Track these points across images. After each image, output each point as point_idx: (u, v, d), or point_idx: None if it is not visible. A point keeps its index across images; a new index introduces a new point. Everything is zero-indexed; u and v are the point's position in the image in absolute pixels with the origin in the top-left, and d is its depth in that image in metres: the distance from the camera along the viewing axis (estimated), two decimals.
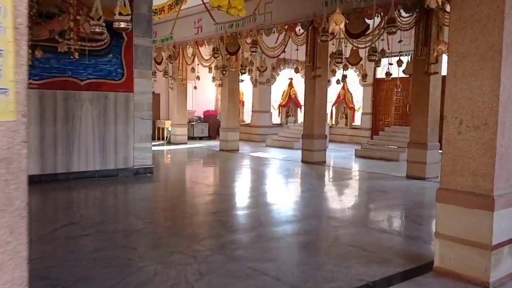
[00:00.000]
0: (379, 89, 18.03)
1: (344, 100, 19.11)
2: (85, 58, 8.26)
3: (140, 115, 9.05)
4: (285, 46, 12.40)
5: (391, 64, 12.02)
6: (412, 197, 7.88)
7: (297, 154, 12.64)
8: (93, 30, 5.42)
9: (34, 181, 7.81)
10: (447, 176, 4.16)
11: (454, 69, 4.14)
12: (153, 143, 17.04)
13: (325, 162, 12.01)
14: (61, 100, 8.16)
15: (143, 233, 5.10)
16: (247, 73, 14.49)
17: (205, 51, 15.04)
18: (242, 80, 14.26)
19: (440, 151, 10.74)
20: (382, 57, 10.67)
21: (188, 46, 15.37)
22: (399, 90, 14.05)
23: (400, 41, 10.48)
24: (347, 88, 19.10)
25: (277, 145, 16.42)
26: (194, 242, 4.79)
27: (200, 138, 18.65)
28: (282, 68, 19.02)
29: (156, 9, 13.05)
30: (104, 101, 8.63)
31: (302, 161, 12.03)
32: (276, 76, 19.02)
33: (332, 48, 12.57)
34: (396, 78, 14.69)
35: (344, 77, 13.00)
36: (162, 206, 6.66)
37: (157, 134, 17.92)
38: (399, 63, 11.53)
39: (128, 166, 8.96)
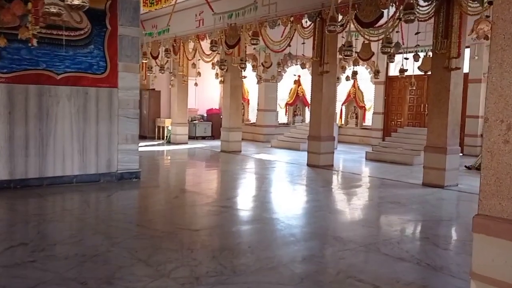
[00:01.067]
0: (391, 87, 16.89)
1: (355, 98, 17.99)
2: (62, 48, 7.30)
3: (126, 113, 8.07)
4: (291, 40, 11.34)
5: (406, 58, 10.85)
6: (432, 210, 6.79)
7: (303, 156, 11.59)
8: (47, 10, 4.42)
9: (1, 187, 6.87)
10: (488, 199, 3.08)
11: (501, 56, 3.05)
12: (152, 143, 16.56)
13: (332, 165, 10.94)
14: (34, 96, 7.19)
15: (101, 260, 4.10)
16: (251, 69, 13.48)
17: (207, 45, 14.01)
18: (245, 77, 13.23)
19: (461, 154, 9.67)
20: (397, 52, 9.58)
21: (189, 41, 14.39)
22: (414, 88, 12.91)
23: (417, 33, 9.35)
24: (358, 86, 17.99)
25: (282, 146, 15.37)
26: (161, 273, 3.79)
27: (203, 138, 17.67)
28: (289, 64, 17.96)
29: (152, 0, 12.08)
30: (84, 97, 7.65)
31: (308, 165, 10.98)
32: (283, 73, 17.96)
33: (341, 42, 11.50)
34: (411, 75, 13.57)
35: (355, 73, 11.90)
36: (139, 221, 5.67)
37: (157, 133, 16.98)
38: (416, 57, 10.38)
39: (111, 170, 7.98)
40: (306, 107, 18.99)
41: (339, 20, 10.11)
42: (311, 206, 6.78)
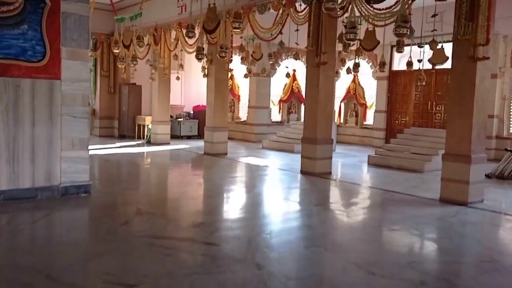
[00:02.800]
0: (395, 83, 15.18)
1: (355, 95, 16.27)
2: None
3: (71, 112, 6.34)
4: (283, 26, 9.62)
5: (421, 46, 9.04)
6: (463, 244, 5.10)
7: (298, 160, 9.89)
8: None
9: None
10: None
11: None
12: (130, 143, 14.61)
13: (330, 173, 9.24)
14: None
15: None
16: (240, 61, 11.73)
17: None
18: (231, 70, 11.51)
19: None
20: (410, 37, 7.85)
21: (170, 29, 12.65)
22: (423, 83, 11.21)
23: (434, 15, 7.63)
24: (358, 82, 16.27)
25: (275, 147, 13.66)
26: None
27: (188, 137, 15.94)
28: (283, 57, 16.23)
29: None
30: (14, 92, 5.93)
31: (302, 172, 9.29)
32: (276, 66, 16.22)
33: (341, 29, 9.79)
34: (420, 69, 11.89)
35: (356, 65, 10.16)
36: (49, 267, 3.97)
37: (137, 133, 15.24)
38: (433, 45, 8.58)
39: (53, 183, 6.27)
40: (302, 104, 17.25)
41: (339, 1, 8.41)
42: (302, 238, 5.08)
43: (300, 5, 9.23)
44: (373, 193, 7.83)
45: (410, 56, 10.81)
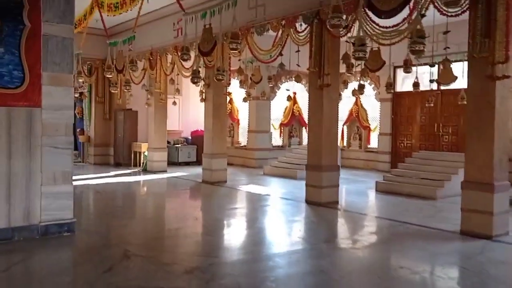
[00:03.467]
0: (399, 104, 14.61)
1: (357, 118, 15.68)
2: None
3: (53, 143, 5.72)
4: (283, 47, 9.09)
5: (433, 66, 8.42)
6: None
7: (301, 188, 9.25)
8: None
9: None
10: None
11: None
12: (125, 172, 13.61)
13: (337, 202, 8.57)
14: None
15: None
16: (238, 85, 11.20)
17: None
18: (229, 93, 10.96)
19: None
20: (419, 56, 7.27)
21: (166, 53, 12.15)
22: (431, 105, 10.61)
23: (446, 32, 7.08)
24: (361, 104, 15.70)
25: (277, 173, 13.00)
26: None
27: (187, 164, 15.29)
28: (283, 80, 15.72)
29: (117, 3, 9.86)
30: None
31: (307, 202, 8.61)
32: (276, 89, 15.69)
33: (345, 49, 9.27)
34: (427, 90, 11.39)
35: (361, 87, 9.56)
36: None
37: (133, 160, 14.60)
38: (446, 64, 7.97)
39: (32, 222, 5.60)
40: (304, 128, 16.69)
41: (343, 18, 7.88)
42: (314, 286, 4.38)
43: (301, 25, 8.73)
44: (387, 225, 7.13)
45: (417, 77, 10.27)
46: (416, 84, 10.20)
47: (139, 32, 13.76)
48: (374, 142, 15.53)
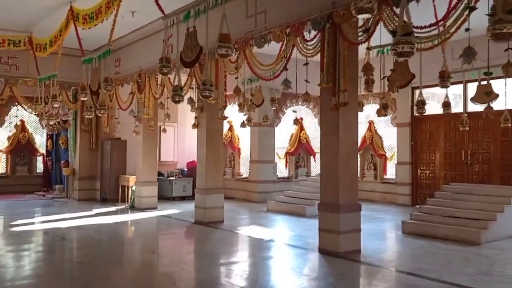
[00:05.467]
0: (419, 130, 12.78)
1: (372, 145, 13.84)
2: None
3: None
4: (287, 60, 7.38)
5: (488, 74, 6.51)
6: None
7: (312, 229, 7.43)
8: None
9: None
10: None
11: None
12: (108, 209, 11.19)
13: (359, 252, 6.66)
14: None
15: None
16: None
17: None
18: (225, 117, 9.17)
19: None
20: (470, 61, 5.54)
21: (156, 75, 10.49)
22: (466, 128, 8.77)
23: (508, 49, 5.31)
24: (375, 130, 13.90)
25: (282, 210, 11.10)
26: None
27: (182, 199, 13.42)
28: (288, 104, 14.00)
29: (92, 13, 8.24)
30: None
31: (321, 251, 6.71)
32: (280, 114, 13.95)
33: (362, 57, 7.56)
34: (458, 113, 9.62)
35: (385, 107, 7.68)
36: None
37: (120, 195, 12.76)
38: (508, 69, 6.09)
39: None
40: (312, 157, 14.86)
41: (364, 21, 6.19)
42: None
43: (309, 32, 7.03)
44: None
45: (447, 95, 8.47)
46: (446, 104, 8.38)
47: (126, 53, 12.25)
48: (391, 172, 13.64)
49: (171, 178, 13.59)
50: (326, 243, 6.73)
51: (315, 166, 14.76)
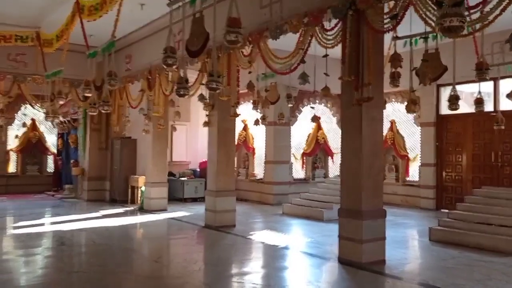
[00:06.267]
0: (445, 129, 11.99)
1: (393, 145, 13.08)
2: None
3: None
4: (305, 52, 6.75)
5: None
6: None
7: (330, 234, 6.83)
8: None
9: None
10: None
11: None
12: (116, 211, 10.68)
13: (384, 262, 5.98)
14: None
15: None
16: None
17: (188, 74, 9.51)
18: (237, 115, 8.55)
19: None
20: None
21: (166, 71, 9.94)
22: (502, 127, 8.02)
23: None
24: (397, 130, 13.15)
25: (298, 213, 10.45)
26: None
27: (194, 200, 12.86)
28: (305, 103, 13.34)
29: (97, 4, 7.73)
30: None
31: (341, 261, 6.05)
32: (297, 113, 13.31)
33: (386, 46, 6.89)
34: (491, 112, 8.85)
35: (414, 102, 6.94)
36: None
37: (130, 196, 12.27)
38: None
39: None
40: (330, 158, 14.17)
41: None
42: None
43: (330, 19, 6.38)
44: None
45: (480, 92, 7.73)
46: (479, 101, 7.63)
47: (137, 49, 11.75)
48: (414, 174, 12.87)
49: (182, 178, 13.04)
50: (347, 252, 6.07)
51: (333, 167, 14.09)
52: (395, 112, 13.41)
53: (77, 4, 8.57)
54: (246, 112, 12.78)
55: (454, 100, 6.07)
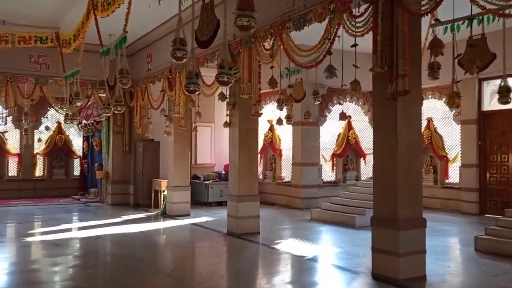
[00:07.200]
0: (489, 127, 10.98)
1: (431, 145, 12.13)
2: None
3: None
4: (332, 42, 6.05)
5: None
6: None
7: (363, 243, 6.14)
8: None
9: None
10: None
11: None
12: (138, 216, 10.28)
13: (425, 278, 5.22)
14: None
15: None
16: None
17: (208, 72, 9.00)
18: (259, 114, 7.91)
19: None
20: None
21: (186, 69, 9.42)
22: None
23: None
24: (434, 128, 12.20)
25: (328, 219, 9.71)
26: None
27: (219, 204, 12.30)
28: (335, 101, 12.57)
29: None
30: None
31: (375, 276, 5.33)
32: (326, 112, 12.56)
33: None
34: None
35: (458, 95, 6.09)
36: None
37: (153, 200, 11.84)
38: None
39: None
40: (361, 159, 13.36)
41: None
42: None
43: (359, 6, 5.67)
44: None
45: None
46: None
47: (157, 48, 11.32)
48: (454, 176, 11.89)
49: (207, 182, 12.51)
50: (381, 267, 5.33)
51: (365, 169, 13.26)
52: (431, 110, 12.46)
53: (91, 1, 8.17)
54: (272, 112, 12.13)
55: (504, 92, 5.23)
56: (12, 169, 14.91)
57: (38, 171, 15.28)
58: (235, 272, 5.83)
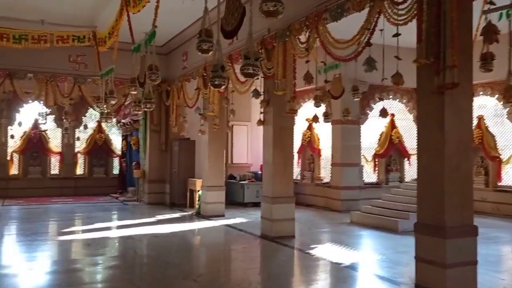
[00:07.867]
0: None
1: (481, 144, 11.31)
2: None
3: None
4: (372, 33, 5.59)
5: None
6: None
7: (407, 250, 5.70)
8: None
9: None
10: None
11: None
12: (172, 216, 10.15)
13: None
14: None
15: None
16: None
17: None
18: (294, 111, 7.49)
19: None
20: None
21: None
22: None
23: None
24: (486, 126, 11.36)
25: (369, 222, 9.18)
26: None
27: (255, 205, 11.95)
28: (377, 98, 11.95)
29: None
30: None
31: None
32: (367, 110, 11.98)
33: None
34: None
35: (511, 90, 5.46)
36: None
37: (188, 200, 11.69)
38: None
39: None
40: (406, 160, 12.67)
41: None
42: None
43: None
44: None
45: None
46: None
47: (193, 45, 11.11)
48: (507, 179, 11.01)
49: (243, 182, 12.23)
50: (426, 278, 4.82)
51: (410, 171, 12.56)
52: (482, 108, 11.62)
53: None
54: (310, 111, 11.69)
55: None
56: (54, 167, 15.24)
57: (79, 170, 15.55)
58: (266, 279, 5.48)
